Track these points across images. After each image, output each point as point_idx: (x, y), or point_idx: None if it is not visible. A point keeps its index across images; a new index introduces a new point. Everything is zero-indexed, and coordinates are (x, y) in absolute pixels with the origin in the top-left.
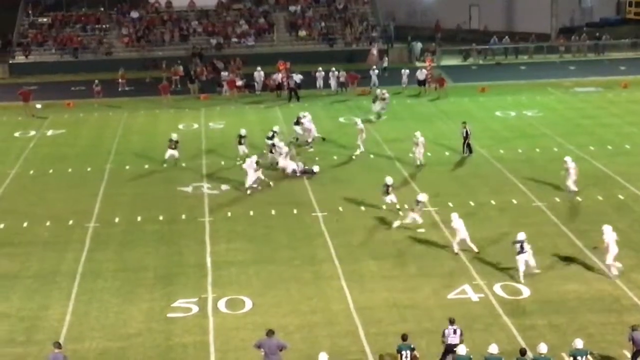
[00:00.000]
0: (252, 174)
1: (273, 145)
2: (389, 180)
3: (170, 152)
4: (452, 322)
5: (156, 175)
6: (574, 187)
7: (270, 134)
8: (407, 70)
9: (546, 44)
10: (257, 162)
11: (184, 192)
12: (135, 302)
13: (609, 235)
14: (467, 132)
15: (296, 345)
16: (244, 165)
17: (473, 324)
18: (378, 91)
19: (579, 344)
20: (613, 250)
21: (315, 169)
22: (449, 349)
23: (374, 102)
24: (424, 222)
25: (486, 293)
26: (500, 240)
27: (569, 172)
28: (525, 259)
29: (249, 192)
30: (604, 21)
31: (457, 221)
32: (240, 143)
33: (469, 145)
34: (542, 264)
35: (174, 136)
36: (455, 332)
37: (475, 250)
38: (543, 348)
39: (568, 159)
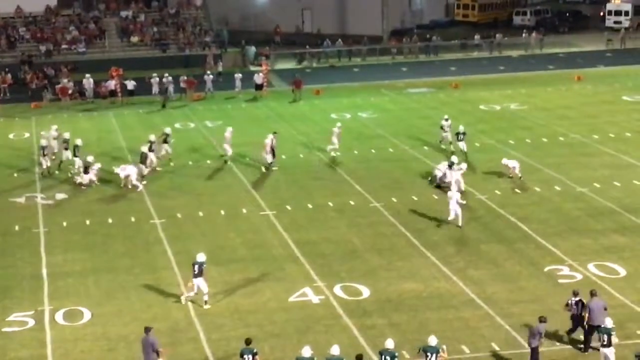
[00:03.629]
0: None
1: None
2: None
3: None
4: (575, 294)
5: None
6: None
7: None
8: (240, 75)
9: (379, 46)
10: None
11: (17, 203)
12: None
13: (511, 163)
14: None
15: (139, 354)
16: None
17: (314, 325)
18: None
19: (432, 341)
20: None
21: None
22: (576, 319)
23: (459, 140)
24: (263, 225)
25: (327, 295)
26: (340, 242)
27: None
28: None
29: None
30: (433, 23)
31: None
32: (42, 154)
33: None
34: (381, 264)
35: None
36: (577, 303)
37: None
38: (390, 343)
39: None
